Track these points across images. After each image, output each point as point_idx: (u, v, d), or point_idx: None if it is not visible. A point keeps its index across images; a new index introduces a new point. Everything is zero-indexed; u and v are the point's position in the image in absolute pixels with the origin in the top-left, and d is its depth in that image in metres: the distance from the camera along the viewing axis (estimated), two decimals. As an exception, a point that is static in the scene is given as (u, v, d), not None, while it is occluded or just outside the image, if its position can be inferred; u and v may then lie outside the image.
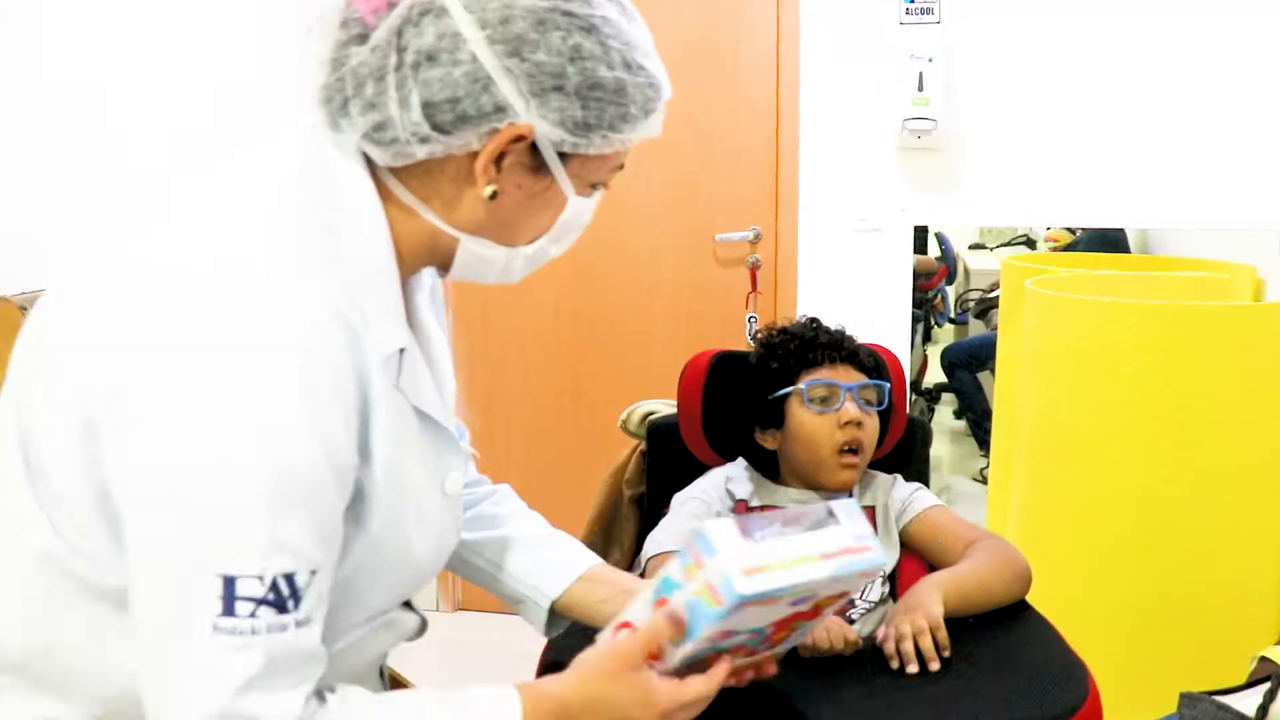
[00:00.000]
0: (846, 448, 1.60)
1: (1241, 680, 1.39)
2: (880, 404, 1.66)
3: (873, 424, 1.64)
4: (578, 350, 3.19)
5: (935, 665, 1.31)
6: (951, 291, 4.76)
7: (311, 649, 0.88)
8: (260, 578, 0.82)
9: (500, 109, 0.90)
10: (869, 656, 1.36)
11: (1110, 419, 2.22)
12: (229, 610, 0.82)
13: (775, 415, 1.66)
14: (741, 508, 1.64)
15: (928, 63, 2.74)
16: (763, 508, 1.64)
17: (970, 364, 4.08)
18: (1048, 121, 2.78)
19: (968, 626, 1.39)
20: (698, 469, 1.77)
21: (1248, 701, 1.30)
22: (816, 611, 1.02)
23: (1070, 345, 2.36)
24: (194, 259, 0.87)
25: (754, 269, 3.04)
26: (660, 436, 1.89)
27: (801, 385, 1.63)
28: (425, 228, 0.97)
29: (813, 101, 2.92)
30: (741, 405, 1.72)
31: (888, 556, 1.58)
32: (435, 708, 0.95)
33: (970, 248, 5.26)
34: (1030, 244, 4.94)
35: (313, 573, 0.86)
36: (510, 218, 0.98)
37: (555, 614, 1.24)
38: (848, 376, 1.64)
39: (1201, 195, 2.71)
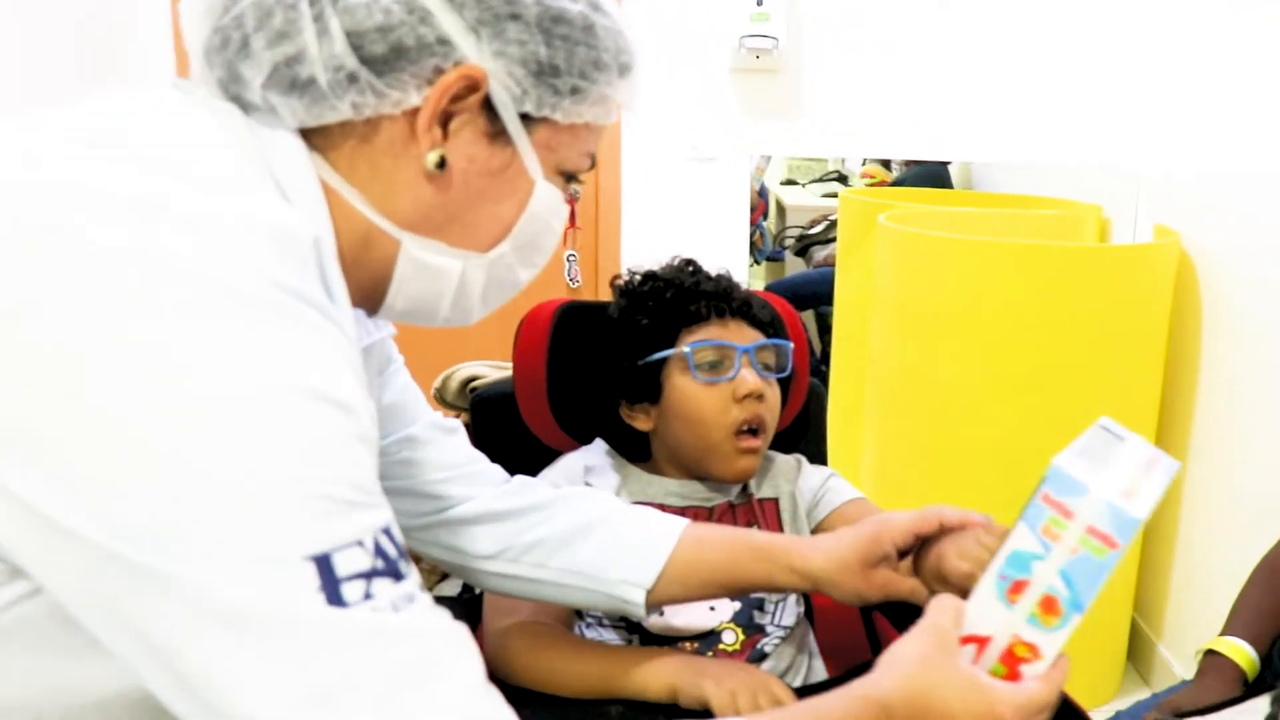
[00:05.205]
0: (746, 427, 1.24)
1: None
2: (782, 370, 1.30)
3: (774, 395, 1.28)
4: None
5: None
6: (768, 227, 4.53)
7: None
8: (360, 543, 0.59)
9: (444, 41, 0.69)
10: None
11: (970, 359, 2.13)
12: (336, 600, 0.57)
13: (649, 386, 1.28)
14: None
15: (769, -27, 2.57)
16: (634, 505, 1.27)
17: (795, 303, 3.86)
18: (896, 47, 2.67)
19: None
20: (542, 455, 1.38)
21: None
22: None
23: (931, 283, 2.21)
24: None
25: (572, 201, 2.68)
26: (489, 410, 1.49)
27: (685, 348, 1.25)
28: (356, 226, 0.73)
29: (639, 14, 2.63)
30: (601, 372, 1.33)
31: None
32: None
33: (783, 183, 5.05)
34: (843, 180, 4.76)
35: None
36: (462, 205, 0.74)
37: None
38: (742, 336, 1.27)
39: (1043, 130, 2.70)
